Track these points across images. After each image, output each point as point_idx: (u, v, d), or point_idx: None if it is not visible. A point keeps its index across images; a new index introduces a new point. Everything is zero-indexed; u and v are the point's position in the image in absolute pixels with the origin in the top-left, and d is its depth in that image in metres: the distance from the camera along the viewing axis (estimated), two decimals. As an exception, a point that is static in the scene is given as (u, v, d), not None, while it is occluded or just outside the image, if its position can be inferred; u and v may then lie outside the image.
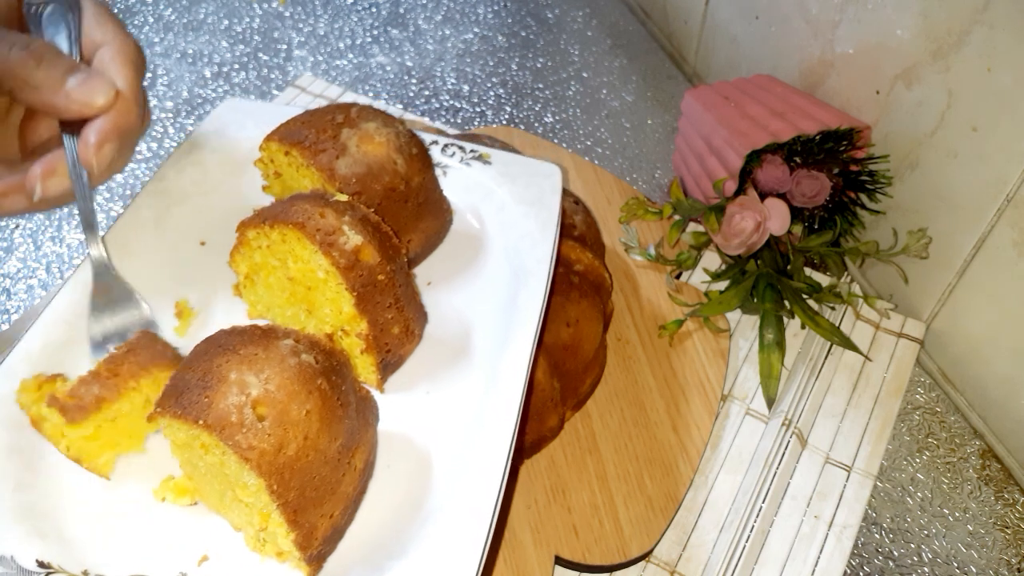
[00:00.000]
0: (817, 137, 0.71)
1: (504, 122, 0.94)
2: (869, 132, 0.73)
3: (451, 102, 0.96)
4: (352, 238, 0.50)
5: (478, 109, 0.96)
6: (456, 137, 0.69)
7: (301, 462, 0.43)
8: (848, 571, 0.61)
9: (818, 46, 0.77)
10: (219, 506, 0.48)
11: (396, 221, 0.57)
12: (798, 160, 0.72)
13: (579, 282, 0.62)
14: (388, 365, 0.54)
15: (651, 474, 0.61)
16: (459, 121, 0.94)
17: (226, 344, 0.46)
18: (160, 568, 0.45)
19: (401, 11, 1.09)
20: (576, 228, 0.66)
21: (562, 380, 0.60)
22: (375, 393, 0.53)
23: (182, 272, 0.58)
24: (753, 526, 0.61)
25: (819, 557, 0.60)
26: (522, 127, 0.93)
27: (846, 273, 0.78)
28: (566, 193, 0.69)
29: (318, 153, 0.56)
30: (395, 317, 0.52)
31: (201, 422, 0.42)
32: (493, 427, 0.49)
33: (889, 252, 0.72)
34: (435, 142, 0.65)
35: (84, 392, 0.48)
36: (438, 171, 0.63)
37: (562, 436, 0.63)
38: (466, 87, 0.98)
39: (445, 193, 0.63)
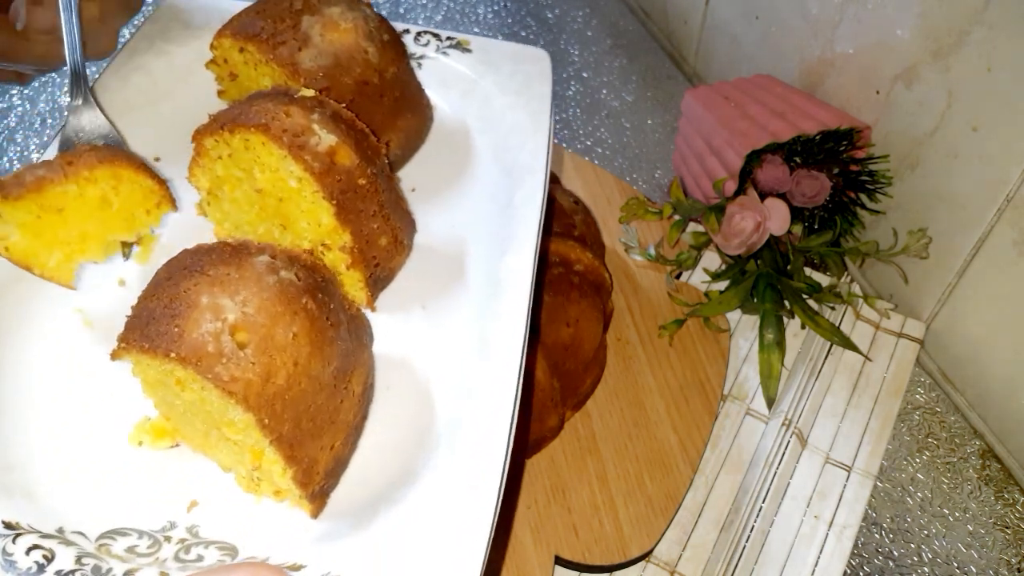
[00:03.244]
0: (817, 137, 0.71)
1: (504, 122, 0.94)
2: (869, 132, 0.73)
3: (451, 102, 0.96)
4: (325, 138, 0.44)
5: (478, 109, 0.96)
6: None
7: (293, 391, 0.38)
8: (848, 571, 0.61)
9: (818, 46, 0.77)
10: (204, 446, 0.43)
11: (371, 119, 0.50)
12: (798, 160, 0.72)
13: (579, 282, 0.62)
14: (378, 280, 0.49)
15: (651, 474, 0.61)
16: (459, 121, 0.94)
17: (192, 265, 0.40)
18: (145, 519, 0.41)
19: (401, 11, 1.09)
20: (576, 228, 0.66)
21: (562, 380, 0.60)
22: (366, 312, 0.49)
23: None
24: (753, 526, 0.61)
25: (819, 557, 0.60)
26: (522, 127, 0.93)
27: (846, 273, 0.78)
28: (566, 193, 0.69)
29: (277, 46, 0.50)
30: (381, 227, 0.47)
31: (173, 355, 0.37)
32: (501, 337, 0.44)
33: (889, 252, 0.72)
34: (407, 31, 0.59)
35: (26, 172, 0.43)
36: (412, 63, 0.57)
37: (562, 436, 0.63)
38: (466, 87, 0.98)
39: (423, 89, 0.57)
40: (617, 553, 0.58)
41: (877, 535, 0.64)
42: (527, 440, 0.59)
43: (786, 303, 0.72)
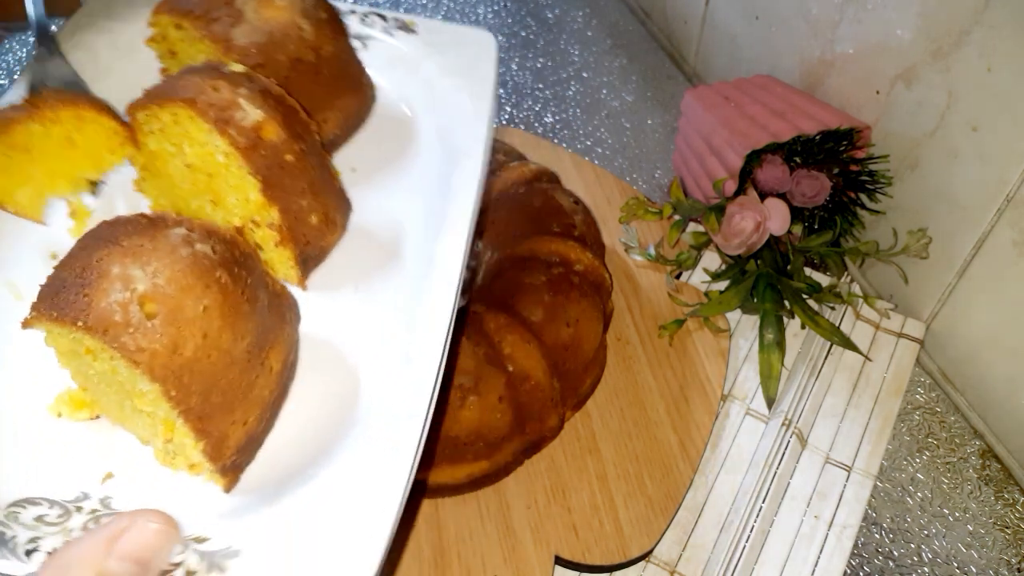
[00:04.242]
0: (817, 137, 0.71)
1: (504, 122, 0.94)
2: (869, 132, 0.73)
3: (451, 102, 0.96)
4: (251, 113, 0.45)
5: (478, 109, 0.95)
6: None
7: (202, 364, 0.39)
8: (848, 571, 0.61)
9: (818, 46, 0.77)
10: (121, 418, 0.43)
11: (308, 97, 0.50)
12: (798, 160, 0.72)
13: (579, 282, 0.62)
14: (308, 259, 0.49)
15: (651, 474, 0.61)
16: (459, 121, 0.94)
17: (107, 236, 0.40)
18: (58, 489, 0.40)
19: (401, 10, 1.09)
20: (576, 228, 0.66)
21: (562, 380, 0.60)
22: (298, 292, 0.49)
23: None
24: (753, 526, 0.61)
25: (819, 557, 0.60)
26: (522, 127, 0.93)
27: (846, 273, 0.78)
28: (566, 193, 0.69)
29: (211, 22, 0.50)
30: (311, 204, 0.47)
31: (81, 323, 0.37)
32: (427, 319, 0.44)
33: (889, 252, 0.72)
34: (352, 11, 0.59)
35: None
36: (357, 43, 0.57)
37: (562, 436, 0.63)
38: (466, 87, 0.98)
39: (367, 69, 0.57)
40: (617, 553, 0.58)
41: (877, 535, 0.64)
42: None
43: (786, 303, 0.72)
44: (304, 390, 0.45)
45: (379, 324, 0.47)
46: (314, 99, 0.51)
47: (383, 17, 0.59)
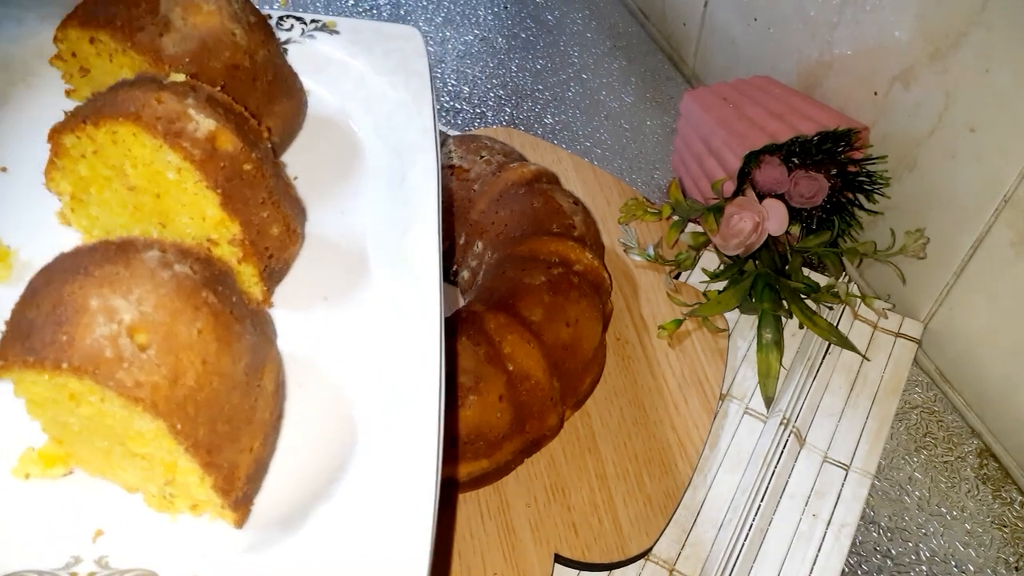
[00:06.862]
0: (815, 138, 0.71)
1: (504, 123, 0.95)
2: (867, 133, 0.73)
3: (451, 103, 0.97)
4: (203, 123, 0.41)
5: (478, 111, 0.96)
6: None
7: (205, 392, 0.35)
8: (846, 569, 0.61)
9: (816, 47, 0.78)
10: (104, 468, 0.39)
11: (246, 105, 0.48)
12: (796, 161, 0.73)
13: (579, 282, 0.62)
14: (273, 273, 0.46)
15: (650, 473, 0.62)
16: (459, 122, 0.94)
17: (73, 267, 0.36)
18: (44, 558, 0.36)
19: (401, 12, 1.09)
20: (576, 228, 0.66)
21: (562, 380, 0.61)
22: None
23: None
24: (752, 524, 0.61)
25: (817, 555, 0.60)
26: (522, 128, 0.94)
27: (844, 273, 0.78)
28: (566, 193, 0.69)
29: (135, 32, 0.46)
30: (272, 214, 0.44)
31: (65, 365, 0.33)
32: (416, 314, 0.42)
33: (887, 252, 0.72)
34: (268, 16, 0.56)
35: None
36: None
37: (562, 435, 0.63)
38: (466, 88, 0.99)
39: None
40: (616, 551, 0.58)
41: (875, 533, 0.64)
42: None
43: (784, 303, 0.73)
44: (295, 409, 0.43)
45: (359, 332, 0.45)
46: (253, 106, 0.49)
47: (301, 20, 0.58)
